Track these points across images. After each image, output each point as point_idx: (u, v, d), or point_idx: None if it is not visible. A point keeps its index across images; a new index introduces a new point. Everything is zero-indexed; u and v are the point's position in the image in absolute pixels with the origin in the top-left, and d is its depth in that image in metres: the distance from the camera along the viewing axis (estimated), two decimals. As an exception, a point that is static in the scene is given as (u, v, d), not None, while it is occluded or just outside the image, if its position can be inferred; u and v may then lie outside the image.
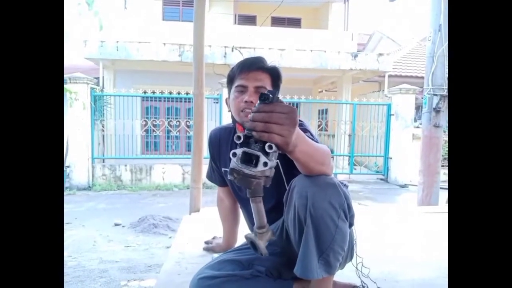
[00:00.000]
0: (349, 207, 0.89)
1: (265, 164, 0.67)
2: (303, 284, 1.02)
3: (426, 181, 3.58)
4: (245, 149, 0.69)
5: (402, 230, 2.05)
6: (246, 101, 1.07)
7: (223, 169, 1.27)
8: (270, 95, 0.69)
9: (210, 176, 1.42)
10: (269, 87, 1.10)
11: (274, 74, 1.13)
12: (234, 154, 0.70)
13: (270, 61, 1.15)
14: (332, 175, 0.91)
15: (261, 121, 0.68)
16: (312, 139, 0.92)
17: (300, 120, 1.04)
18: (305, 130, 0.99)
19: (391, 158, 7.15)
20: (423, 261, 1.52)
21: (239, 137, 0.70)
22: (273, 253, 1.05)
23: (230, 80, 1.15)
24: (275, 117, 0.68)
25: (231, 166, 0.70)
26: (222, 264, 1.08)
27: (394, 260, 1.50)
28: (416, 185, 3.74)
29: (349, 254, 1.02)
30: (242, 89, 1.09)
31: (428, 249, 1.71)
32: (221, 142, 1.27)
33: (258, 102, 0.71)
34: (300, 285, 1.03)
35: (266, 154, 0.68)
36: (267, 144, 0.68)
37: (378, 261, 1.44)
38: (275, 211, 1.07)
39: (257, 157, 0.68)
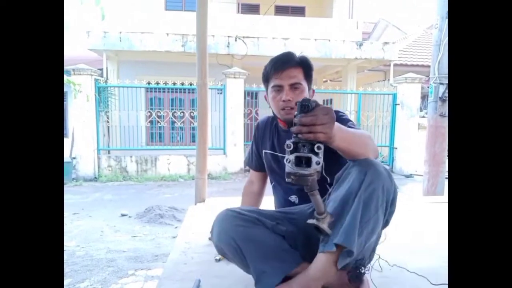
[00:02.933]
0: (393, 202, 0.96)
1: (318, 162, 0.77)
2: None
3: (432, 171, 3.57)
4: (297, 154, 0.78)
5: (407, 220, 2.05)
6: (284, 100, 1.16)
7: (263, 151, 1.37)
8: (309, 105, 0.78)
9: (249, 161, 1.51)
10: (302, 81, 1.18)
11: (306, 67, 1.20)
12: (288, 160, 0.79)
13: (300, 52, 1.23)
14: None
15: (309, 125, 0.77)
16: (353, 127, 1.05)
17: (339, 111, 1.17)
18: (347, 120, 1.13)
19: (396, 148, 7.11)
20: (429, 250, 1.52)
21: (288, 145, 0.79)
22: (296, 224, 1.13)
23: (266, 80, 1.24)
24: (320, 120, 0.77)
25: (286, 170, 0.79)
26: (249, 211, 1.16)
27: (400, 249, 1.51)
28: (421, 175, 3.73)
29: (369, 256, 1.05)
30: (278, 89, 1.18)
31: (433, 239, 1.71)
32: (266, 128, 1.39)
33: (299, 112, 0.79)
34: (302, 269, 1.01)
35: (316, 154, 0.77)
36: (316, 145, 0.77)
37: (384, 249, 1.44)
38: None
39: (309, 158, 0.77)
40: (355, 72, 8.78)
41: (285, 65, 1.18)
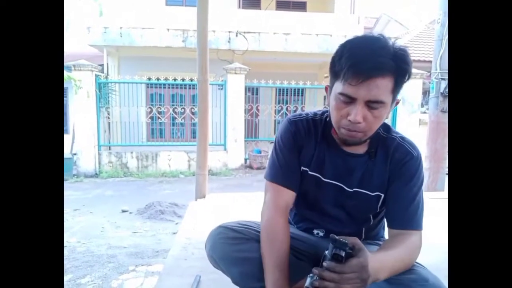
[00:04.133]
0: None
1: None
2: None
3: (433, 167, 3.57)
4: None
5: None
6: (351, 120, 0.80)
7: (302, 168, 0.98)
8: (343, 255, 0.69)
9: (278, 176, 0.97)
10: (388, 95, 0.80)
11: (400, 73, 0.79)
12: None
13: (394, 39, 0.83)
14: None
15: (332, 281, 0.68)
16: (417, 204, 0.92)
17: (414, 154, 0.92)
18: (416, 187, 0.92)
19: (397, 143, 7.10)
20: (429, 246, 1.51)
21: None
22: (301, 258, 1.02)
23: (334, 73, 0.83)
24: (346, 279, 0.68)
25: None
26: (243, 225, 1.02)
27: (399, 246, 1.50)
28: (422, 171, 3.73)
29: None
30: (349, 100, 0.80)
31: (434, 234, 1.71)
32: (310, 134, 0.98)
33: (329, 259, 0.70)
34: None
35: None
36: None
37: (383, 246, 1.44)
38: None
39: None
40: (356, 68, 8.73)
41: (371, 73, 0.76)
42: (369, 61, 0.76)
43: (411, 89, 6.85)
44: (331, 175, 0.94)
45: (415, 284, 0.80)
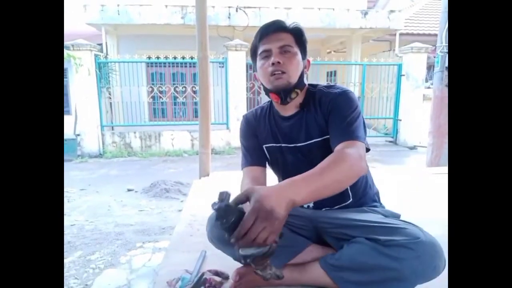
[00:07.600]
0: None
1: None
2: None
3: (436, 142, 3.56)
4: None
5: (410, 191, 2.07)
6: (273, 63, 1.02)
7: (264, 146, 1.17)
8: (222, 205, 0.72)
9: (246, 160, 1.18)
10: (293, 45, 1.05)
11: (296, 33, 1.08)
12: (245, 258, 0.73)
13: (291, 22, 1.10)
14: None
15: (246, 244, 0.70)
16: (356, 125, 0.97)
17: (347, 92, 1.04)
18: (356, 117, 0.98)
19: (400, 120, 7.05)
20: (432, 220, 1.54)
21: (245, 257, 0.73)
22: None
23: (254, 52, 1.10)
24: (253, 233, 0.69)
25: (241, 253, 0.72)
26: None
27: (404, 218, 1.53)
28: (425, 147, 3.73)
29: None
30: (267, 54, 1.05)
31: (436, 209, 1.73)
32: (260, 119, 1.19)
33: (217, 219, 0.73)
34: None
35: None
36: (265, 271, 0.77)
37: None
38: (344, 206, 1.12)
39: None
40: (359, 43, 8.56)
41: (271, 27, 1.05)
42: (269, 24, 1.06)
43: (415, 63, 6.72)
44: (285, 140, 1.12)
45: (407, 242, 0.86)
